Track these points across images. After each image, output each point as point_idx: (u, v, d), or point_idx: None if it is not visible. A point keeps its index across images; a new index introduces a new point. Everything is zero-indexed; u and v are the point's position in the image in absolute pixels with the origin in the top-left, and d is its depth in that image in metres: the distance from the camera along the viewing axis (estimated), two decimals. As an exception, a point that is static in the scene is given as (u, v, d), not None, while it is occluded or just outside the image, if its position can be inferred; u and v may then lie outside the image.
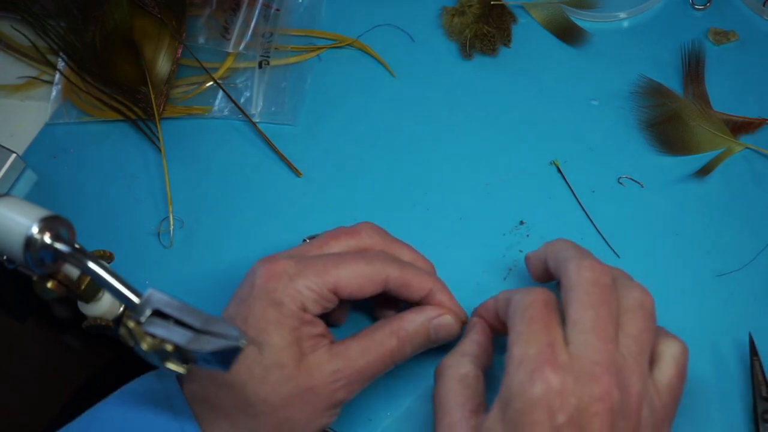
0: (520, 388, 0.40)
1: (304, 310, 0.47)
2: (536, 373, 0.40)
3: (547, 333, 0.42)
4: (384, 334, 0.48)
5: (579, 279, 0.44)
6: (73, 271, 0.50)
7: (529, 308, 0.43)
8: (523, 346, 0.41)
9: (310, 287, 0.47)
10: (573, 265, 0.44)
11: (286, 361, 0.46)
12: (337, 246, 0.50)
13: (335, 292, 0.48)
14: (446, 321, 0.50)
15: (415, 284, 0.49)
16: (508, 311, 0.45)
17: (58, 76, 0.67)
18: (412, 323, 0.49)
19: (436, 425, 0.45)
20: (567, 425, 0.39)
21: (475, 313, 0.51)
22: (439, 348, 0.55)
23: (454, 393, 0.45)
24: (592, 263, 0.44)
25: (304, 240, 0.56)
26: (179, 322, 0.41)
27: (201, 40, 0.67)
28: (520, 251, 0.58)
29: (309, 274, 0.47)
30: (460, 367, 0.46)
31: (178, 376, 0.49)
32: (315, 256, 0.49)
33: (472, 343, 0.48)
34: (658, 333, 0.45)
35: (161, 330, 0.41)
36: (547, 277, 0.50)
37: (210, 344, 0.40)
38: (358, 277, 0.48)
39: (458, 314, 0.50)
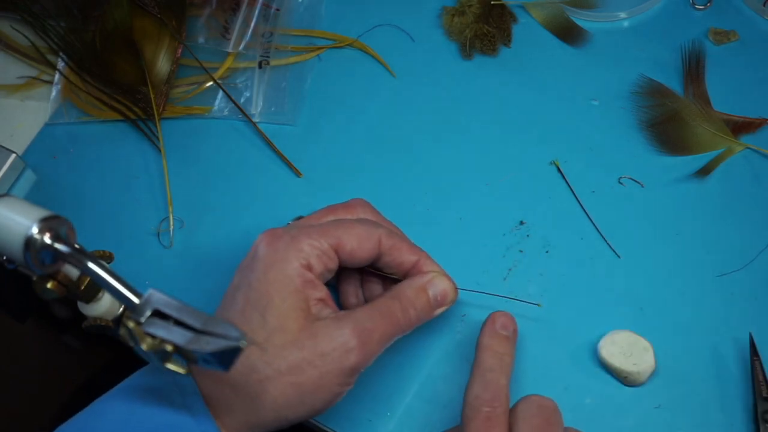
0: None
1: (308, 268, 0.47)
2: None
3: None
4: (386, 298, 0.49)
5: None
6: (73, 272, 0.50)
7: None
8: None
9: (312, 244, 0.47)
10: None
11: (290, 325, 0.46)
12: (332, 218, 0.52)
13: (336, 250, 0.48)
14: (440, 280, 0.51)
15: (406, 248, 0.51)
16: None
17: (57, 76, 0.67)
18: (411, 287, 0.50)
19: None
20: None
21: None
22: (438, 350, 0.55)
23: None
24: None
25: (294, 219, 0.56)
26: (179, 323, 0.41)
27: (201, 40, 0.67)
28: (521, 251, 0.58)
29: (310, 232, 0.48)
30: None
31: None
32: (313, 224, 0.50)
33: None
34: None
35: (161, 330, 0.41)
36: None
37: (210, 345, 0.40)
38: (356, 235, 0.49)
39: (453, 292, 0.52)
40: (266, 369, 0.45)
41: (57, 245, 0.44)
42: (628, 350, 0.52)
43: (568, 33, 0.66)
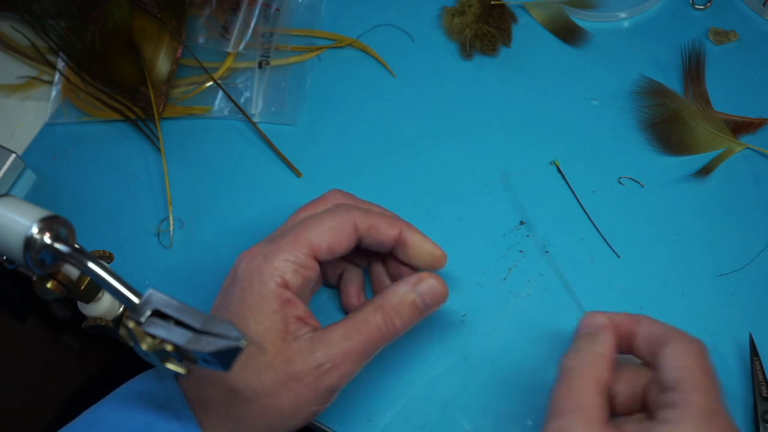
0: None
1: (285, 286, 0.47)
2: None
3: (717, 389, 0.42)
4: (368, 311, 0.48)
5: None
6: (73, 272, 0.50)
7: (701, 358, 0.42)
8: (704, 397, 0.41)
9: (286, 259, 0.47)
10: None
11: (266, 347, 0.46)
12: (306, 215, 0.51)
13: (313, 255, 0.48)
14: (430, 284, 0.49)
15: (384, 225, 0.50)
16: (667, 351, 0.43)
17: (57, 76, 0.67)
18: (396, 294, 0.48)
19: (551, 420, 0.42)
20: None
21: (601, 320, 0.47)
22: (436, 349, 0.55)
23: (591, 395, 0.43)
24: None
25: None
26: (179, 323, 0.41)
27: (201, 40, 0.67)
28: (521, 251, 0.58)
29: (282, 246, 0.47)
30: (595, 368, 0.44)
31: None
32: (287, 230, 0.49)
33: (602, 356, 0.45)
34: None
35: (161, 330, 0.41)
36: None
37: (210, 345, 0.40)
38: (328, 230, 0.48)
39: (438, 258, 0.50)
40: (245, 391, 0.46)
41: (57, 245, 0.44)
42: None
43: (568, 33, 0.66)
